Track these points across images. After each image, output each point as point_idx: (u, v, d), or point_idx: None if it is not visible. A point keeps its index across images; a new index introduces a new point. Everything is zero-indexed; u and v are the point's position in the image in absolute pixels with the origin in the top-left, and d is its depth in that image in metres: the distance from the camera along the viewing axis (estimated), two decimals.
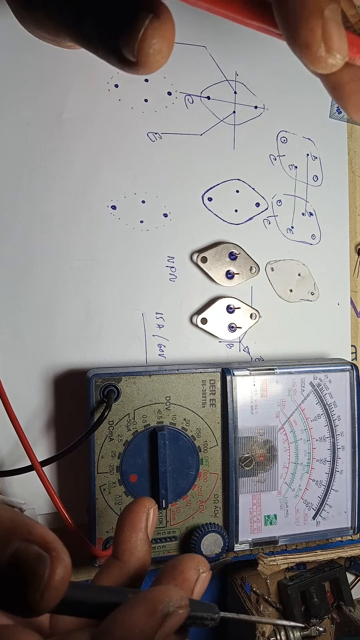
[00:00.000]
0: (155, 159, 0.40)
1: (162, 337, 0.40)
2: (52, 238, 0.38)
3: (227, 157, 0.42)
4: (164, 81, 0.40)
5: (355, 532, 0.41)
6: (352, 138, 0.46)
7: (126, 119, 0.39)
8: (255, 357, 0.43)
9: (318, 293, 0.45)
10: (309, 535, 0.40)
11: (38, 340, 0.37)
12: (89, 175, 0.38)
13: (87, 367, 0.38)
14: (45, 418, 0.37)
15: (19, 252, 0.37)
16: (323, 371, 0.40)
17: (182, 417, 0.37)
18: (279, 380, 0.39)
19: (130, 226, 0.39)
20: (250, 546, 0.38)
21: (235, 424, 0.38)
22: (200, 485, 0.37)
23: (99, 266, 0.39)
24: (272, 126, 0.43)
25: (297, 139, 0.44)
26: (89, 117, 0.38)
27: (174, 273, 0.40)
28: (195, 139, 0.41)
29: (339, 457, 0.40)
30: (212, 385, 0.38)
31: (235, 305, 0.42)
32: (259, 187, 0.43)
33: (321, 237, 0.45)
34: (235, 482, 0.38)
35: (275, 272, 0.43)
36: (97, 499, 0.35)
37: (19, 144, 0.37)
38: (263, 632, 0.37)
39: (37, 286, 0.37)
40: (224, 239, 0.42)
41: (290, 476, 0.39)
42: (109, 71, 0.39)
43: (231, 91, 0.42)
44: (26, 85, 0.37)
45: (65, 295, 0.38)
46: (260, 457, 0.38)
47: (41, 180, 0.37)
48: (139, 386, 0.36)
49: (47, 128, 0.37)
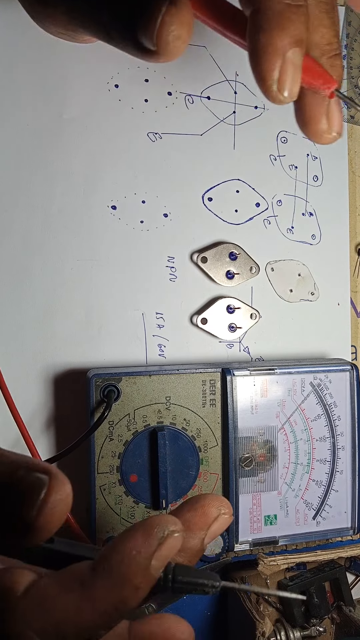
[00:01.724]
0: (155, 159, 0.40)
1: (162, 337, 0.40)
2: (52, 238, 0.38)
3: (227, 157, 0.42)
4: (164, 81, 0.40)
5: (355, 532, 0.41)
6: (352, 138, 0.46)
7: (126, 119, 0.39)
8: (255, 357, 0.43)
9: (318, 293, 0.45)
10: (309, 535, 0.40)
11: (38, 340, 0.37)
12: (89, 175, 0.38)
13: (87, 367, 0.38)
14: (45, 418, 0.37)
15: (19, 252, 0.37)
16: (323, 371, 0.40)
17: (182, 417, 0.37)
18: (279, 380, 0.39)
19: (131, 226, 0.39)
20: (250, 546, 0.38)
21: (235, 424, 0.38)
22: (201, 485, 0.37)
23: (99, 266, 0.39)
24: (272, 126, 0.43)
25: (297, 139, 0.44)
26: (89, 117, 0.38)
27: (174, 273, 0.40)
28: (195, 139, 0.41)
29: (339, 457, 0.40)
30: (212, 385, 0.38)
31: (235, 305, 0.42)
32: (259, 187, 0.43)
33: (321, 237, 0.45)
34: (235, 482, 0.38)
35: (275, 272, 0.43)
36: (97, 499, 0.35)
37: (19, 144, 0.37)
38: (263, 632, 0.37)
39: (37, 286, 0.37)
40: (224, 239, 0.42)
41: (290, 476, 0.39)
42: (109, 71, 0.39)
43: (231, 91, 0.42)
44: (26, 85, 0.37)
45: (65, 295, 0.38)
46: (260, 457, 0.38)
47: (41, 180, 0.37)
48: (139, 386, 0.36)
49: (47, 128, 0.37)
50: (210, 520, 0.23)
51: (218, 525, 0.23)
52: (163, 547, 0.19)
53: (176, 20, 0.21)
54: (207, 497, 0.23)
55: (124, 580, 0.18)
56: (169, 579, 0.20)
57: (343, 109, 0.44)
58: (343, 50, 0.45)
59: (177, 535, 0.19)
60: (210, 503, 0.23)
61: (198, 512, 0.23)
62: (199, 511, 0.23)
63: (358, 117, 0.46)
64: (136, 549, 0.19)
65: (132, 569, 0.18)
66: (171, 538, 0.19)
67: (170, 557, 0.19)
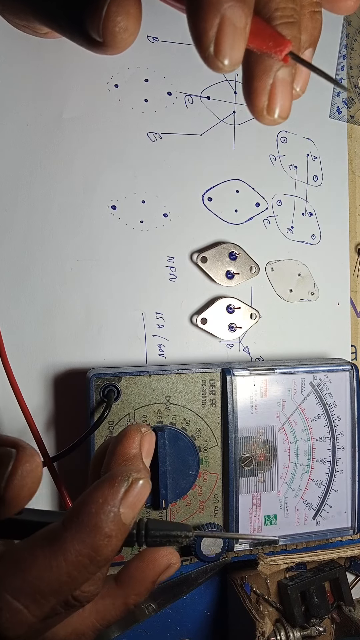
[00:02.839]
0: (155, 159, 0.40)
1: (162, 337, 0.40)
2: (52, 238, 0.38)
3: (227, 157, 0.42)
4: (164, 81, 0.40)
5: (355, 532, 0.41)
6: (352, 138, 0.46)
7: (126, 119, 0.39)
8: (255, 357, 0.43)
9: (318, 293, 0.45)
10: (309, 535, 0.40)
11: (38, 340, 0.37)
12: (89, 175, 0.38)
13: (87, 367, 0.38)
14: (45, 418, 0.37)
15: (19, 252, 0.37)
16: (323, 371, 0.40)
17: (182, 417, 0.37)
18: (279, 380, 0.39)
19: (130, 226, 0.39)
20: (250, 546, 0.38)
21: (235, 424, 0.38)
22: (200, 485, 0.37)
23: (99, 266, 0.39)
24: (272, 126, 0.43)
25: (297, 139, 0.44)
26: (89, 117, 0.38)
27: (174, 273, 0.40)
28: (195, 139, 0.41)
29: (339, 457, 0.40)
30: (212, 385, 0.38)
31: (235, 305, 0.42)
32: (259, 187, 0.43)
33: (321, 237, 0.45)
34: (235, 482, 0.38)
35: (275, 272, 0.43)
36: None
37: (19, 144, 0.37)
38: (263, 632, 0.37)
39: (37, 286, 0.37)
40: (224, 239, 0.42)
41: (290, 476, 0.39)
42: (109, 71, 0.39)
43: (231, 91, 0.42)
44: (26, 85, 0.37)
45: (65, 295, 0.38)
46: (260, 457, 0.38)
47: (41, 180, 0.37)
48: (139, 386, 0.36)
49: (47, 128, 0.37)
50: (137, 443, 0.23)
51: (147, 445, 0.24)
52: (129, 494, 0.19)
53: (122, 10, 0.20)
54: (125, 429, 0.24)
55: (94, 529, 0.19)
56: (142, 533, 0.21)
57: (336, 105, 0.44)
58: (343, 50, 0.45)
59: (142, 482, 0.20)
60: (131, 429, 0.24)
61: (124, 442, 0.23)
62: (124, 441, 0.23)
63: (358, 117, 0.46)
64: (103, 498, 0.19)
65: (101, 517, 0.19)
66: (137, 484, 0.20)
67: (140, 505, 0.20)
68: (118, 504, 0.19)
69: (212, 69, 0.19)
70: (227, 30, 0.18)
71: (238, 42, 0.18)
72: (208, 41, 0.18)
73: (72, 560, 0.18)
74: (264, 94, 0.20)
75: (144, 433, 0.24)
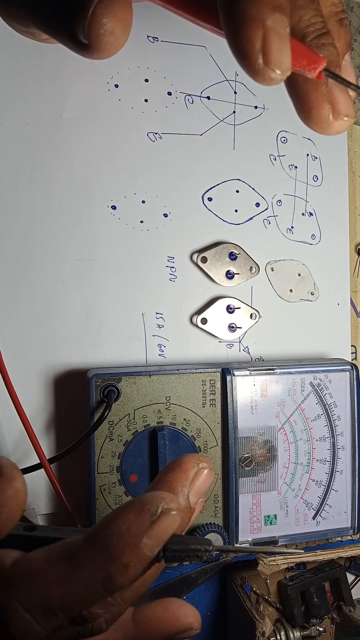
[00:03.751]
0: (155, 159, 0.40)
1: (162, 337, 0.40)
2: (52, 238, 0.38)
3: (227, 157, 0.42)
4: (164, 81, 0.40)
5: (355, 532, 0.41)
6: (352, 138, 0.46)
7: (126, 119, 0.39)
8: (255, 357, 0.43)
9: (318, 293, 0.45)
10: (309, 535, 0.40)
11: (38, 340, 0.37)
12: (89, 175, 0.38)
13: (87, 367, 0.38)
14: (45, 418, 0.37)
15: (19, 252, 0.37)
16: (323, 371, 0.40)
17: (182, 417, 0.37)
18: (279, 380, 0.39)
19: (130, 226, 0.39)
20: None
21: (235, 424, 0.38)
22: None
23: (99, 266, 0.39)
24: (272, 126, 0.43)
25: (297, 139, 0.44)
26: (89, 117, 0.38)
27: (174, 273, 0.40)
28: (195, 139, 0.41)
29: (339, 457, 0.40)
30: (212, 385, 0.38)
31: (235, 305, 0.42)
32: (259, 187, 0.43)
33: (321, 237, 0.45)
34: (235, 482, 0.38)
35: (275, 272, 0.43)
36: (97, 499, 0.35)
37: (19, 144, 0.37)
38: (263, 632, 0.37)
39: (37, 286, 0.37)
40: (224, 239, 0.42)
41: (290, 476, 0.39)
42: (109, 71, 0.39)
43: (231, 91, 0.42)
44: (26, 85, 0.37)
45: (65, 295, 0.38)
46: (260, 457, 0.38)
47: (41, 180, 0.37)
48: (139, 386, 0.36)
49: (47, 128, 0.37)
50: (189, 475, 0.22)
51: (200, 480, 0.22)
52: (156, 525, 0.18)
53: (109, 12, 0.19)
54: (184, 456, 0.23)
55: (111, 557, 0.18)
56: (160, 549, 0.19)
57: None
58: None
59: (174, 514, 0.18)
60: (188, 460, 0.22)
61: (176, 471, 0.22)
62: (177, 470, 0.22)
63: (358, 117, 0.46)
64: (126, 525, 0.18)
65: (120, 546, 0.18)
66: (166, 516, 0.18)
67: (167, 537, 0.18)
68: (141, 535, 0.18)
69: (264, 81, 0.18)
70: (272, 39, 0.18)
71: (285, 48, 0.18)
72: (256, 54, 0.18)
73: (84, 583, 0.18)
74: (324, 103, 0.21)
75: (199, 468, 0.22)
